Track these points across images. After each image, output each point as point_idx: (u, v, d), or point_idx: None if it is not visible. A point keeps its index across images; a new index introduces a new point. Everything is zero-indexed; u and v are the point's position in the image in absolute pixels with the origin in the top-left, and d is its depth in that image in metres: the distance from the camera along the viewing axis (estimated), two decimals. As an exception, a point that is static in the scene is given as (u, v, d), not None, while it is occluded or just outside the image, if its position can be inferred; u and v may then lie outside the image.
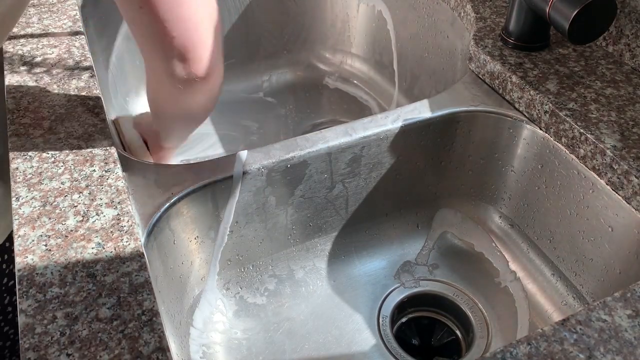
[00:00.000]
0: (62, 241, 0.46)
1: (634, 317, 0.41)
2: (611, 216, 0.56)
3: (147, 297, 0.43)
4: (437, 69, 0.87)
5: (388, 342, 0.63)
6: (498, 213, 0.73)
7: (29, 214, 0.49)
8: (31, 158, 0.54)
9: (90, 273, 0.44)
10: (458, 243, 0.73)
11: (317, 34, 1.08)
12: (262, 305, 0.66)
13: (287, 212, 0.65)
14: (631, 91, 0.61)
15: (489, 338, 0.64)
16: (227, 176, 0.58)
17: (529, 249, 0.69)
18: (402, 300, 0.68)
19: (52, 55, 0.68)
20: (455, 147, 0.70)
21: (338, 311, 0.66)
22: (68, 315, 0.41)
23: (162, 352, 0.39)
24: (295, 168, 0.61)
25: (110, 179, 0.52)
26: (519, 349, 0.39)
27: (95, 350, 0.39)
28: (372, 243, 0.72)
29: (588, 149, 0.56)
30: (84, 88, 0.63)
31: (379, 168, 0.66)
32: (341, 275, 0.70)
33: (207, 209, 0.59)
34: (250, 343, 0.63)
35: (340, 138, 0.62)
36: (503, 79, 0.65)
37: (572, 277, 0.64)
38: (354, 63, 1.07)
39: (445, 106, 0.66)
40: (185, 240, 0.59)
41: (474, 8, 0.76)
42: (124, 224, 0.48)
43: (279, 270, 0.68)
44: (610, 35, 0.67)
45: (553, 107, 0.59)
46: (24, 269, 0.44)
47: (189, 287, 0.62)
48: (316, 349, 0.63)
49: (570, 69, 0.65)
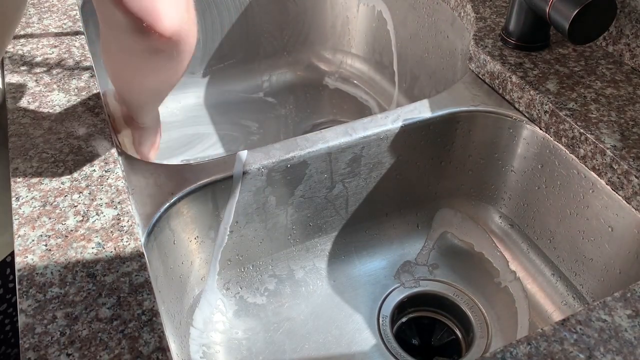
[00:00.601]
0: (62, 241, 0.46)
1: (634, 317, 0.41)
2: (611, 216, 0.56)
3: (147, 297, 0.43)
4: (437, 69, 0.87)
5: (388, 342, 0.63)
6: (498, 213, 0.73)
7: (29, 213, 0.49)
8: (31, 158, 0.54)
9: (90, 273, 0.44)
10: (458, 243, 0.73)
11: (317, 34, 1.08)
12: (262, 305, 0.66)
13: (287, 212, 0.65)
14: (631, 91, 0.61)
15: (489, 338, 0.64)
16: (227, 176, 0.58)
17: (529, 248, 0.69)
18: (402, 300, 0.68)
19: (52, 55, 0.68)
20: (455, 147, 0.70)
21: (338, 311, 0.66)
22: (68, 315, 0.41)
23: (162, 352, 0.39)
24: (295, 168, 0.61)
25: (110, 179, 0.52)
26: (519, 349, 0.39)
27: (95, 350, 0.39)
28: (372, 243, 0.72)
29: (588, 149, 0.56)
30: (84, 88, 0.63)
31: (379, 168, 0.66)
32: (341, 275, 0.70)
33: (207, 209, 0.59)
34: (251, 343, 0.63)
35: (340, 138, 0.62)
36: (503, 79, 0.65)
37: (572, 277, 0.64)
38: (354, 63, 1.07)
39: (445, 106, 0.66)
40: (185, 240, 0.59)
41: (474, 8, 0.76)
42: (124, 224, 0.48)
43: (279, 270, 0.68)
44: (610, 35, 0.67)
45: (553, 107, 0.59)
46: (24, 269, 0.44)
47: (189, 287, 0.62)
48: (316, 349, 0.63)
49: (570, 69, 0.65)
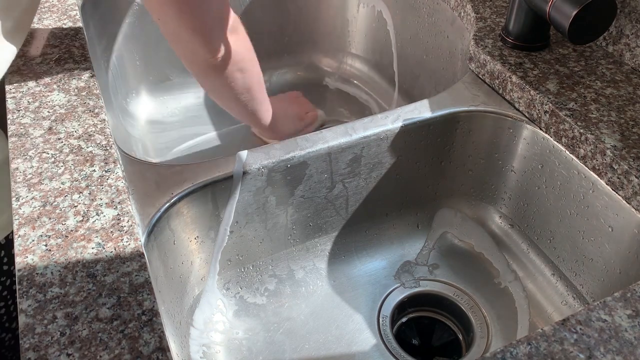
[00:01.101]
0: (62, 241, 0.46)
1: (634, 317, 0.41)
2: (611, 216, 0.56)
3: (147, 297, 0.43)
4: (437, 69, 0.87)
5: (388, 342, 0.63)
6: (498, 213, 0.73)
7: (29, 214, 0.49)
8: (31, 158, 0.54)
9: (90, 273, 0.44)
10: (458, 243, 0.73)
11: (317, 34, 1.08)
12: (262, 305, 0.66)
13: (287, 212, 0.65)
14: (631, 91, 0.61)
15: (489, 338, 0.64)
16: (227, 176, 0.58)
17: (529, 249, 0.69)
18: (402, 300, 0.68)
19: (52, 55, 0.68)
20: (455, 147, 0.70)
21: (338, 311, 0.66)
22: (68, 315, 0.41)
23: (162, 352, 0.39)
24: (296, 168, 0.61)
25: (110, 179, 0.52)
26: (519, 349, 0.39)
27: (96, 350, 0.39)
28: (372, 243, 0.72)
29: (588, 149, 0.56)
30: (84, 88, 0.63)
31: (379, 168, 0.66)
32: (341, 275, 0.70)
33: (207, 209, 0.59)
34: (251, 343, 0.63)
35: (340, 138, 0.62)
36: (503, 79, 0.65)
37: (572, 277, 0.64)
38: (354, 63, 1.07)
39: (445, 106, 0.66)
40: (185, 240, 0.59)
41: (474, 8, 0.76)
42: (124, 224, 0.48)
43: (279, 270, 0.68)
44: (610, 35, 0.67)
45: (553, 107, 0.59)
46: (24, 269, 0.44)
47: (189, 287, 0.62)
48: (316, 349, 0.63)
49: (570, 69, 0.65)
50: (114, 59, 0.91)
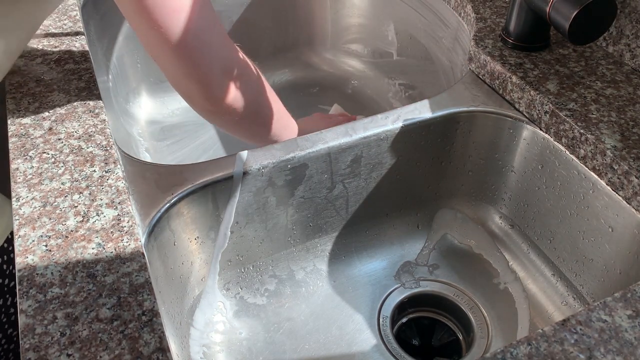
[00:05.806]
0: (63, 241, 0.46)
1: (634, 317, 0.41)
2: (611, 216, 0.56)
3: (147, 297, 0.43)
4: (437, 69, 0.87)
5: (388, 343, 0.63)
6: (498, 213, 0.73)
7: (29, 214, 0.49)
8: (31, 158, 0.54)
9: (90, 273, 0.44)
10: (458, 243, 0.73)
11: (317, 34, 1.08)
12: (263, 305, 0.66)
13: (288, 213, 0.65)
14: (631, 91, 0.61)
15: (489, 338, 0.64)
16: (227, 176, 0.58)
17: (529, 249, 0.69)
18: (402, 300, 0.68)
19: (52, 56, 0.68)
20: (455, 147, 0.70)
21: (338, 311, 0.66)
22: (68, 315, 0.41)
23: (162, 353, 0.39)
24: (296, 168, 0.61)
25: (110, 179, 0.52)
26: (519, 349, 0.39)
27: (96, 350, 0.39)
28: (373, 243, 0.72)
29: (588, 149, 0.56)
30: (84, 88, 0.63)
31: (379, 168, 0.66)
32: (341, 276, 0.70)
33: (207, 209, 0.59)
34: (251, 343, 0.63)
35: (340, 138, 0.62)
36: (503, 79, 0.65)
37: (572, 278, 0.64)
38: (354, 63, 1.07)
39: (445, 106, 0.66)
40: (185, 241, 0.59)
41: (474, 8, 0.76)
42: (124, 224, 0.48)
43: (279, 271, 0.68)
44: (611, 35, 0.67)
45: (553, 108, 0.59)
46: (25, 269, 0.44)
47: (189, 288, 0.62)
48: (316, 349, 0.63)
49: (570, 69, 0.65)
50: (115, 59, 0.91)
